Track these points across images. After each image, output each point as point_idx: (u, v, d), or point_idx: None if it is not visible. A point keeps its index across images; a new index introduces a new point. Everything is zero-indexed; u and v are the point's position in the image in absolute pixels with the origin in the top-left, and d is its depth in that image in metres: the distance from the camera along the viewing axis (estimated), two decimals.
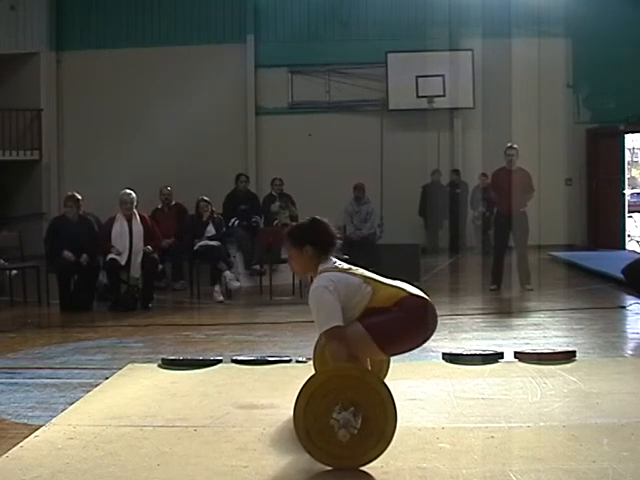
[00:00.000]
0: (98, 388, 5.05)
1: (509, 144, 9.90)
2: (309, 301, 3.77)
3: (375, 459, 3.53)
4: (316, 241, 3.90)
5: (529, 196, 9.78)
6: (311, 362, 5.66)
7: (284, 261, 10.72)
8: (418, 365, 5.63)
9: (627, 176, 16.13)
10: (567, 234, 15.42)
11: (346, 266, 3.92)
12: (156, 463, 3.62)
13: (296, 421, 3.55)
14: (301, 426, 3.53)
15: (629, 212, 16.51)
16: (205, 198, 10.10)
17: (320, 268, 3.86)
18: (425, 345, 6.24)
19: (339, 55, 15.88)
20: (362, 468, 3.52)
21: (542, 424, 4.07)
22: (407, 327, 3.77)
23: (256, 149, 16.23)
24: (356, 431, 3.46)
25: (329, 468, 3.53)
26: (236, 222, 11.11)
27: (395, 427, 3.52)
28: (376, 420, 3.50)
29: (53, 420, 4.31)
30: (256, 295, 9.92)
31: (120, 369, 5.59)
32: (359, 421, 3.46)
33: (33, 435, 4.04)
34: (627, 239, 15.84)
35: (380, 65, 15.49)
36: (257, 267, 10.65)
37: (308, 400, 3.53)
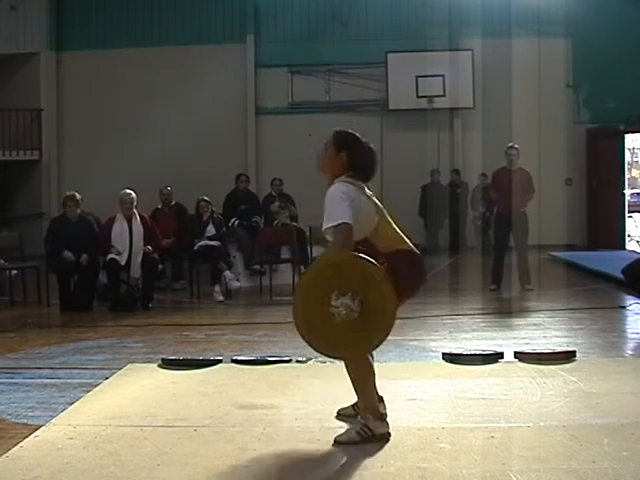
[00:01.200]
0: (98, 388, 5.05)
1: (510, 144, 9.89)
2: (325, 201, 3.81)
3: (380, 344, 3.56)
4: (355, 156, 3.96)
5: (529, 196, 9.78)
6: (311, 362, 5.69)
7: (284, 261, 10.76)
8: (418, 365, 5.64)
9: (627, 176, 16.12)
10: (567, 234, 15.43)
11: (368, 192, 3.96)
12: (156, 463, 3.62)
13: (296, 316, 3.57)
14: (301, 320, 3.55)
15: (629, 212, 16.51)
16: (205, 198, 10.10)
17: (343, 178, 3.90)
18: (425, 345, 6.32)
19: (339, 55, 15.88)
20: (362, 468, 3.52)
21: (542, 424, 4.07)
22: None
23: (256, 149, 16.23)
24: (357, 315, 3.47)
25: (333, 468, 3.53)
26: (236, 222, 11.11)
27: (395, 306, 3.54)
28: (375, 301, 3.52)
29: (53, 420, 4.31)
30: (256, 295, 9.92)
31: (120, 369, 5.59)
32: (357, 304, 3.49)
33: (33, 435, 4.04)
34: (627, 239, 15.84)
35: (380, 65, 15.48)
36: (257, 267, 10.65)
37: (305, 292, 3.58)
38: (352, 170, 3.94)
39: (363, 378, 3.89)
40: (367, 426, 3.84)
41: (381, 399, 4.16)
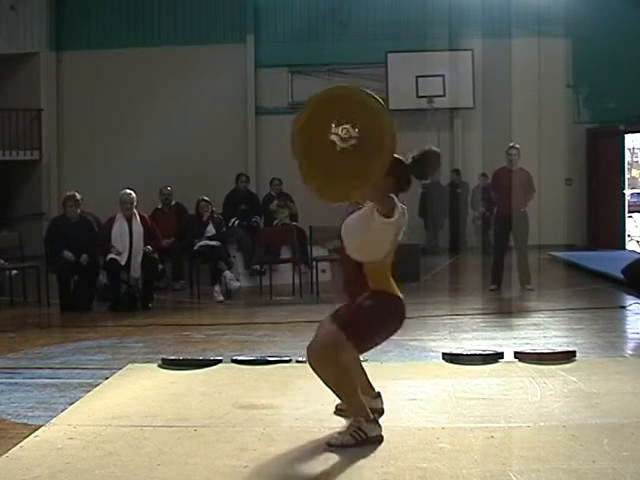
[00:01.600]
0: (98, 388, 5.05)
1: (511, 144, 9.89)
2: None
3: (381, 173, 3.56)
4: (403, 180, 3.93)
5: (530, 196, 9.77)
6: None
7: (284, 261, 10.76)
8: (418, 365, 5.64)
9: (627, 176, 16.11)
10: (567, 234, 15.42)
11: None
12: (156, 463, 3.62)
13: (298, 156, 3.62)
14: (303, 159, 3.60)
15: (629, 212, 16.50)
16: (205, 198, 10.10)
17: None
18: (425, 345, 6.32)
19: (339, 55, 15.87)
20: (362, 468, 3.52)
21: (542, 424, 4.07)
22: (377, 329, 3.89)
23: (256, 149, 16.23)
24: (355, 141, 3.51)
25: (333, 467, 3.52)
26: (236, 222, 11.11)
27: (393, 134, 3.55)
28: (373, 129, 3.54)
29: (53, 420, 4.31)
30: (256, 295, 9.92)
31: (120, 369, 5.59)
32: (357, 130, 3.51)
33: (33, 435, 4.04)
34: (627, 239, 15.84)
35: (380, 65, 15.48)
36: (257, 267, 10.65)
37: (303, 127, 3.61)
38: (397, 192, 3.89)
39: (343, 385, 3.87)
40: (360, 429, 3.82)
41: (378, 394, 4.16)
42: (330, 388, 3.91)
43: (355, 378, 3.94)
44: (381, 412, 4.10)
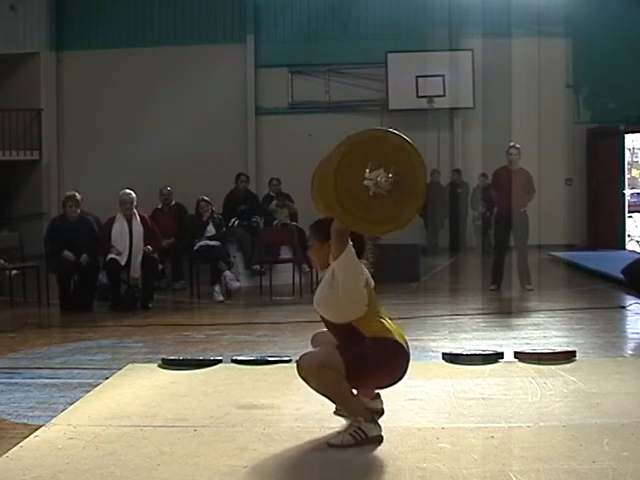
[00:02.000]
0: (98, 388, 5.05)
1: (511, 143, 9.88)
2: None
3: (413, 218, 3.60)
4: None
5: (530, 196, 9.77)
6: None
7: (284, 261, 10.76)
8: (418, 365, 5.62)
9: (627, 176, 16.13)
10: (567, 234, 15.43)
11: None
12: (156, 463, 3.62)
13: (329, 198, 3.56)
14: (335, 202, 3.54)
15: (629, 212, 16.51)
16: (205, 198, 10.10)
17: None
18: (425, 345, 6.32)
19: (339, 55, 15.87)
20: (362, 468, 3.52)
21: (542, 424, 4.07)
22: (377, 371, 3.84)
23: (256, 149, 16.23)
24: (390, 186, 3.51)
25: (330, 467, 3.53)
26: (236, 222, 11.11)
27: (425, 177, 3.60)
28: (406, 174, 3.55)
29: (53, 420, 4.31)
30: (256, 295, 9.92)
31: (120, 369, 5.59)
32: (390, 175, 3.51)
33: (33, 435, 4.04)
34: (627, 239, 15.84)
35: (380, 65, 15.48)
36: (257, 267, 10.65)
37: (335, 175, 3.56)
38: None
39: (336, 394, 3.84)
40: (360, 429, 3.82)
41: (378, 395, 4.16)
42: (322, 395, 3.90)
43: (345, 383, 3.85)
44: (381, 412, 4.10)
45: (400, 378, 3.95)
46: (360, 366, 3.77)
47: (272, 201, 11.60)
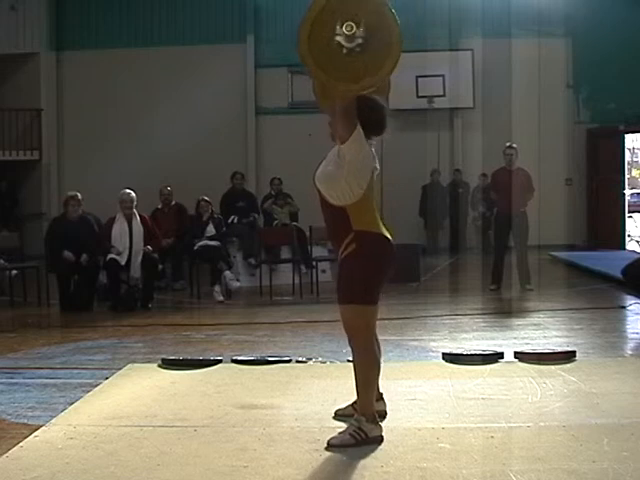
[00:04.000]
0: (98, 388, 5.05)
1: (508, 143, 9.89)
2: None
3: (392, 71, 3.59)
4: (363, 114, 3.80)
5: (529, 196, 9.76)
6: (311, 362, 5.70)
7: (284, 261, 10.76)
8: (418, 365, 5.64)
9: (627, 176, 16.13)
10: (567, 234, 15.42)
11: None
12: (156, 463, 3.62)
13: (308, 64, 3.59)
14: (311, 60, 3.56)
15: (629, 212, 16.51)
16: (205, 198, 10.11)
17: None
18: (425, 345, 6.32)
19: None
20: (362, 468, 3.52)
21: (542, 424, 4.07)
22: (371, 277, 3.84)
23: (256, 149, 16.24)
24: (361, 40, 3.50)
25: (333, 467, 3.53)
26: (235, 219, 11.13)
27: (400, 33, 3.56)
28: (378, 26, 3.53)
29: (53, 420, 4.31)
30: (256, 295, 9.91)
31: (120, 369, 5.58)
32: (362, 29, 3.49)
33: (33, 435, 4.04)
34: (627, 239, 15.84)
35: None
36: (252, 260, 10.64)
37: (310, 30, 3.59)
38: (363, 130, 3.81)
39: (367, 375, 3.86)
40: (361, 429, 3.81)
41: (381, 396, 4.16)
42: (356, 375, 3.87)
43: (377, 373, 3.92)
44: (384, 415, 4.10)
45: (387, 275, 3.92)
46: (353, 285, 3.81)
47: (273, 201, 11.61)
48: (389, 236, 3.93)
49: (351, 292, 3.82)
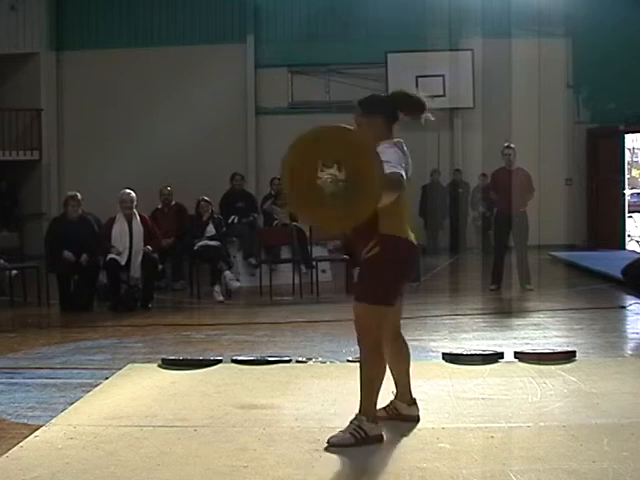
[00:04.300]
0: (98, 388, 5.05)
1: (506, 143, 9.89)
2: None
3: (371, 210, 3.52)
4: (388, 113, 3.96)
5: (529, 196, 9.76)
6: (311, 362, 5.70)
7: (284, 261, 10.76)
8: (418, 365, 5.60)
9: (627, 176, 16.12)
10: (567, 234, 15.43)
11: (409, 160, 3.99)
12: (156, 463, 3.62)
13: (288, 196, 3.61)
14: (294, 199, 3.58)
15: (629, 212, 16.50)
16: (205, 198, 10.11)
17: (387, 142, 3.89)
18: (425, 345, 6.32)
19: (339, 55, 15.87)
20: (362, 468, 3.52)
21: (542, 424, 4.07)
22: (391, 280, 3.87)
23: (256, 149, 16.24)
24: (342, 184, 3.45)
25: (332, 468, 3.53)
26: (235, 219, 11.13)
27: (381, 179, 3.47)
28: (362, 168, 3.47)
29: (53, 420, 4.31)
30: (256, 295, 9.91)
31: (120, 369, 5.58)
32: (344, 173, 3.45)
33: (33, 435, 4.04)
34: (627, 239, 15.83)
35: (380, 65, 15.49)
36: (252, 260, 10.64)
37: (291, 170, 3.57)
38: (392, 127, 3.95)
39: (371, 375, 3.85)
40: (361, 427, 3.80)
41: (414, 401, 4.19)
42: (361, 374, 3.87)
43: (381, 379, 3.90)
44: (417, 420, 4.12)
45: (408, 278, 4.02)
46: (372, 286, 3.83)
47: (273, 200, 11.60)
48: (414, 240, 3.97)
49: (368, 292, 3.83)
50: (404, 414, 4.10)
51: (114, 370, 5.55)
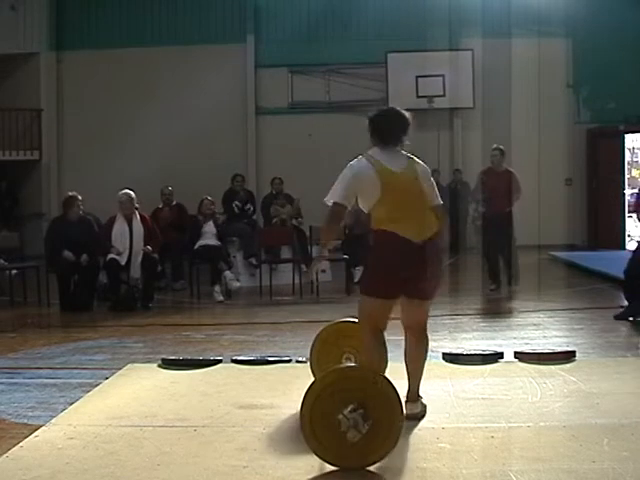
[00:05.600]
0: (98, 388, 5.05)
1: (494, 145, 9.92)
2: None
3: (381, 459, 3.52)
4: (373, 127, 4.41)
5: (517, 196, 9.74)
6: None
7: (284, 261, 10.76)
8: None
9: (627, 176, 16.09)
10: (567, 234, 15.42)
11: (388, 166, 4.18)
12: (156, 463, 3.62)
13: (303, 420, 3.55)
14: (308, 425, 3.53)
15: (629, 212, 16.48)
16: (209, 197, 10.14)
17: (366, 152, 4.25)
18: None
19: (339, 55, 15.86)
20: (362, 468, 3.52)
21: (542, 424, 4.07)
22: (376, 271, 4.15)
23: (256, 149, 16.23)
24: (362, 435, 3.46)
25: (332, 468, 3.53)
26: (235, 218, 11.15)
27: (401, 428, 3.54)
28: (383, 422, 3.50)
29: (53, 420, 4.31)
30: (256, 295, 9.91)
31: (120, 369, 5.59)
32: (367, 424, 3.47)
33: (33, 435, 4.04)
34: (627, 239, 15.82)
35: (380, 65, 15.48)
36: (252, 260, 10.64)
37: (315, 399, 3.54)
38: (376, 142, 4.30)
39: (369, 358, 4.09)
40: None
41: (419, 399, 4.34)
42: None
43: (380, 368, 3.99)
44: (421, 416, 4.26)
45: (401, 270, 4.05)
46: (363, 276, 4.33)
47: (273, 200, 11.61)
48: (407, 236, 4.09)
49: (361, 282, 4.37)
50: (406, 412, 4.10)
51: (114, 370, 5.56)
